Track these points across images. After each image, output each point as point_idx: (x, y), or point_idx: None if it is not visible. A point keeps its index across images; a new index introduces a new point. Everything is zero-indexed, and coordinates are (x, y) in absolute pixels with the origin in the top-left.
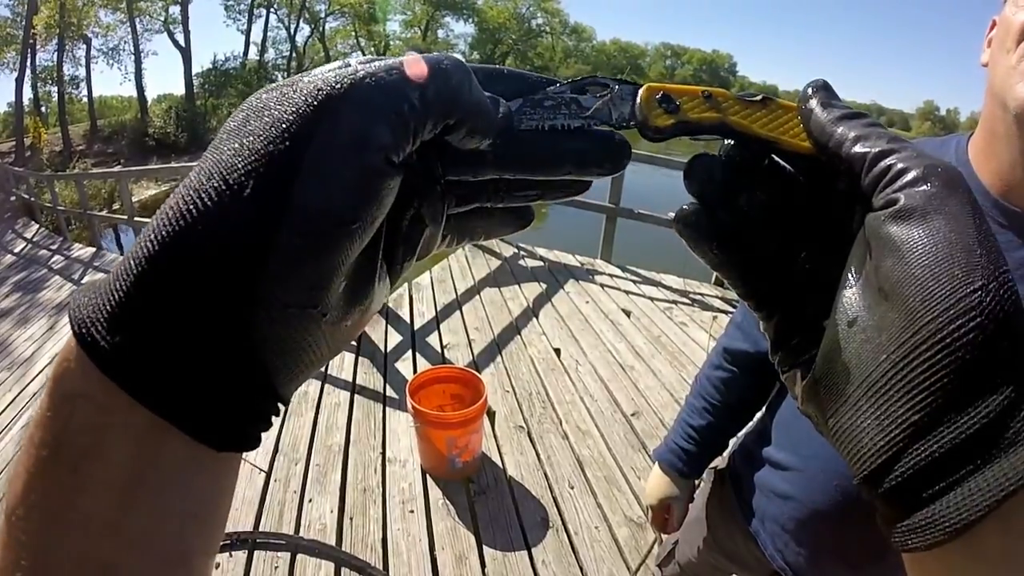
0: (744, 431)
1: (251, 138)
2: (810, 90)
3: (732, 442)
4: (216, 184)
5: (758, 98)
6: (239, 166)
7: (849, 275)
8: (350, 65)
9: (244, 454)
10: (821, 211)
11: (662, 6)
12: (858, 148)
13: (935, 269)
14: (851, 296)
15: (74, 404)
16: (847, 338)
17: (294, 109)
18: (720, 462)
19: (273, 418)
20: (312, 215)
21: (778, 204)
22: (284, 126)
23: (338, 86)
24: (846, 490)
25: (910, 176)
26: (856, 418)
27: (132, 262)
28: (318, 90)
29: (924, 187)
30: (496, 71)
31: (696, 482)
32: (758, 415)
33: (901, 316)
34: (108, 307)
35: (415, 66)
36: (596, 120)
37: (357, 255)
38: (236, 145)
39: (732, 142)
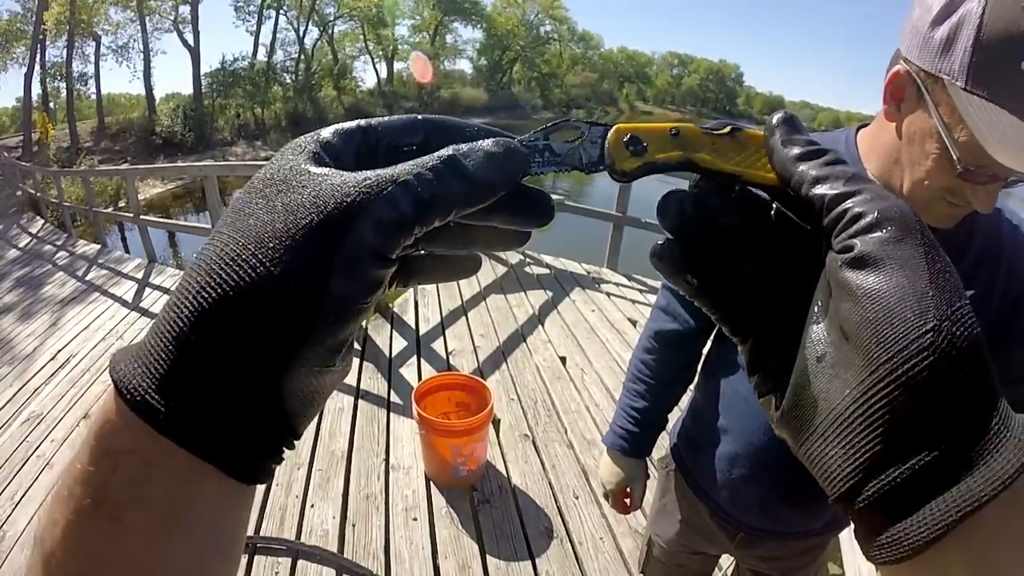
0: (679, 417)
1: (288, 228)
2: (774, 124)
3: (671, 427)
4: (258, 263)
5: (726, 130)
6: (281, 254)
7: (815, 309)
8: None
9: None
10: (793, 236)
11: (670, 15)
12: (816, 190)
13: (889, 314)
14: (817, 332)
15: (117, 459)
16: (815, 373)
17: (324, 216)
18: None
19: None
20: (342, 302)
21: (751, 232)
22: (315, 233)
23: (359, 199)
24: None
25: (865, 222)
26: (825, 447)
27: (177, 325)
28: (346, 196)
29: (879, 233)
30: (452, 127)
31: (649, 469)
32: (688, 398)
33: (860, 356)
34: (158, 373)
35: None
36: (568, 167)
37: None
38: (277, 228)
39: (700, 176)
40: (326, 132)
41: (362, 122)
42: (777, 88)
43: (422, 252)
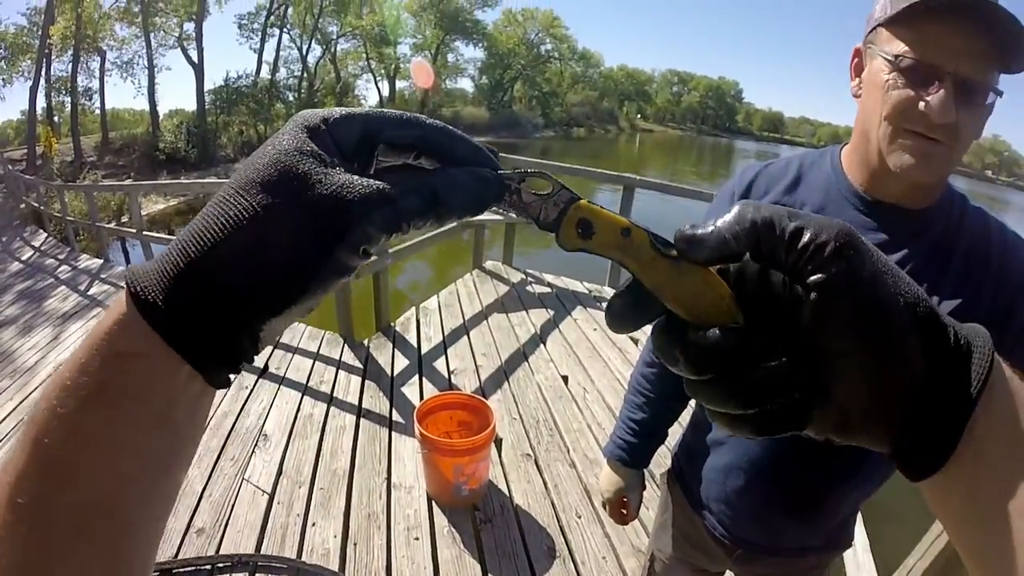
0: (682, 431)
1: (296, 215)
2: (680, 239)
3: (674, 441)
4: (272, 230)
5: (672, 252)
6: (291, 229)
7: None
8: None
9: (248, 476)
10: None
11: (670, 33)
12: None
13: (873, 309)
14: (836, 361)
15: (124, 359)
16: (846, 390)
17: (332, 210)
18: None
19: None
20: (322, 278)
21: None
22: (319, 223)
23: (362, 199)
24: (779, 448)
25: (819, 252)
26: (866, 428)
27: (192, 253)
28: (349, 200)
29: (834, 258)
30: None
31: (647, 477)
32: (691, 408)
33: (864, 351)
34: (168, 280)
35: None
36: (526, 216)
37: None
38: (292, 211)
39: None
40: (331, 115)
41: (363, 112)
42: (776, 104)
43: None
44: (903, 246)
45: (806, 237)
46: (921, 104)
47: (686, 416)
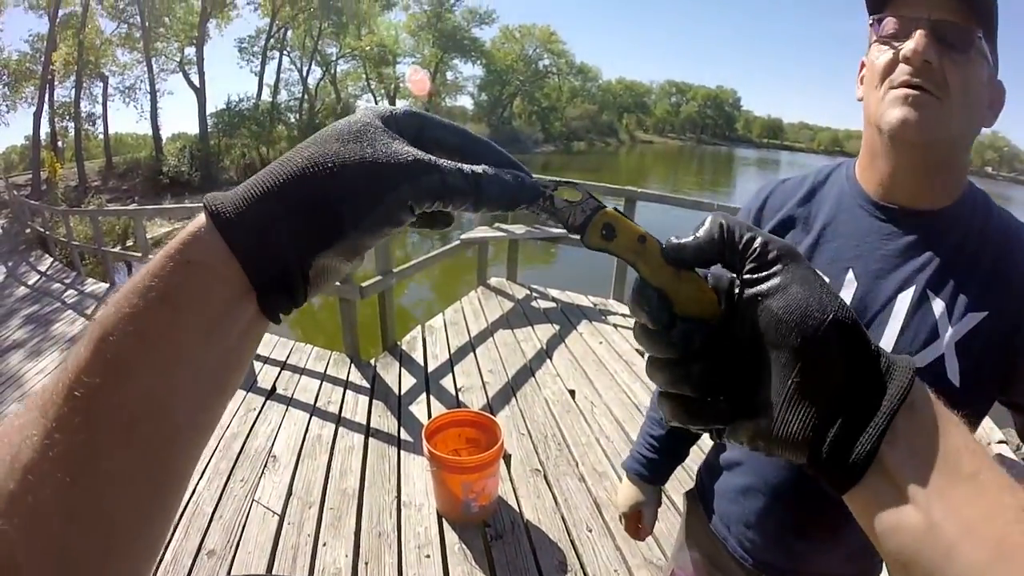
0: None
1: (366, 161)
2: (667, 250)
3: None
4: (341, 176)
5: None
6: (356, 174)
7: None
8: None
9: (258, 497)
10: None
11: (667, 44)
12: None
13: (803, 316)
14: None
15: (192, 267)
16: (773, 389)
17: (393, 165)
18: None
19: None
20: (377, 223)
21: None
22: (383, 171)
23: (415, 165)
24: (797, 469)
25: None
26: (784, 426)
27: (268, 186)
28: (408, 159)
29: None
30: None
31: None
32: None
33: (789, 352)
34: (242, 202)
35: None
36: (556, 220)
37: None
38: (362, 159)
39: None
40: (398, 109)
41: (423, 113)
42: (775, 111)
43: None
44: (923, 249)
45: (755, 244)
46: (900, 60)
47: (706, 440)
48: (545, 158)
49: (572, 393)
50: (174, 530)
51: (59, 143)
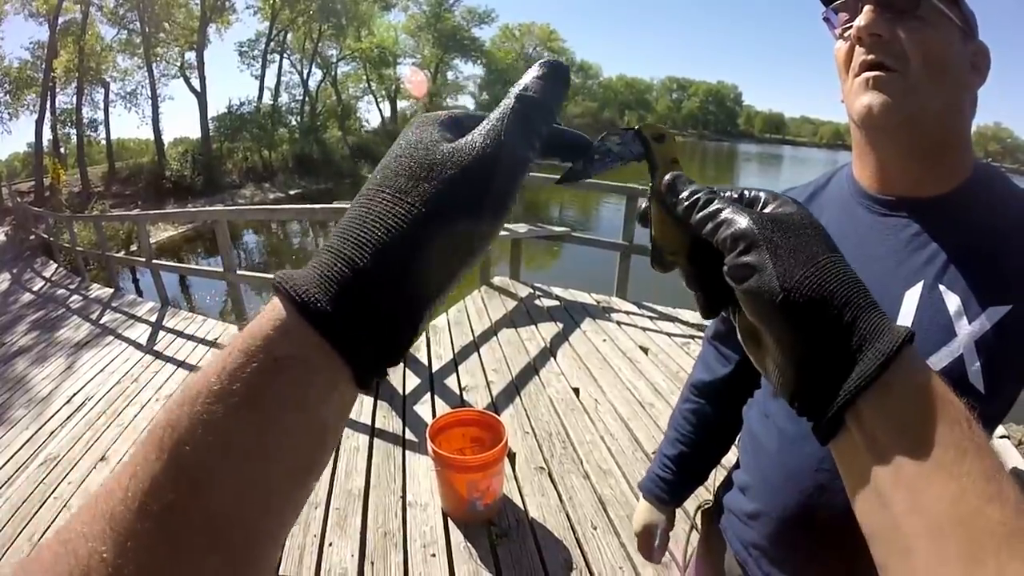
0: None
1: (436, 191)
2: (662, 189)
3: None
4: (423, 229)
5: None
6: (446, 218)
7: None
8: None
9: None
10: None
11: (667, 41)
12: (710, 235)
13: (758, 295)
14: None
15: (281, 364)
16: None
17: (465, 181)
18: (707, 497)
19: None
20: (480, 247)
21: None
22: (472, 184)
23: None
24: (810, 494)
25: (731, 246)
26: (778, 374)
27: (351, 256)
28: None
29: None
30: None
31: (685, 518)
32: (734, 451)
33: (764, 324)
34: (335, 287)
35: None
36: (623, 160)
37: None
38: (442, 200)
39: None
40: (455, 111)
41: (474, 113)
42: (777, 105)
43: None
44: (929, 240)
45: (727, 243)
46: (854, 37)
47: (730, 458)
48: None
49: (576, 391)
50: None
51: (62, 149)
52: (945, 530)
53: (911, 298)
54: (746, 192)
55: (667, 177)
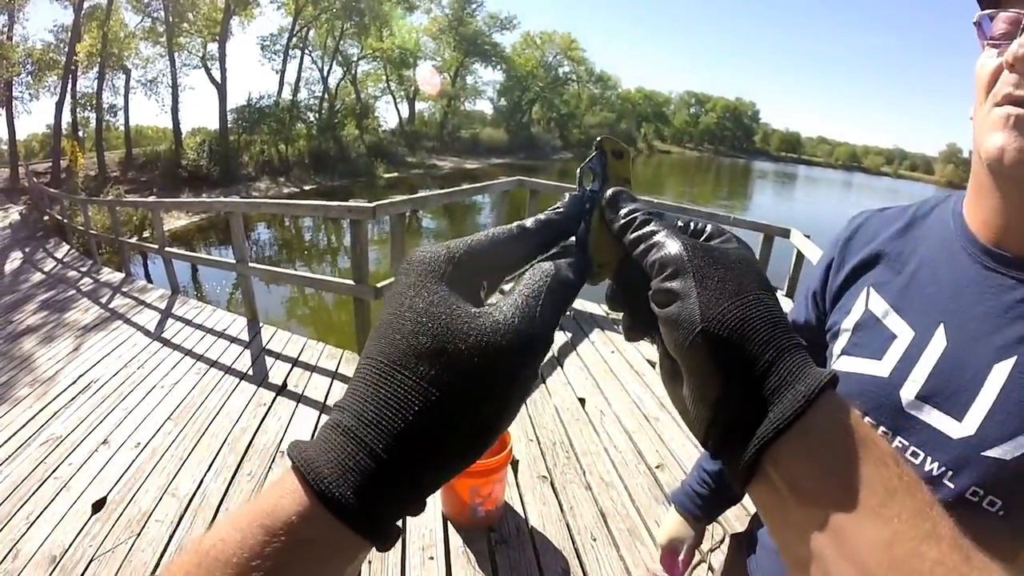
0: None
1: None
2: (603, 204)
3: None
4: (441, 414)
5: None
6: (465, 402)
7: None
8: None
9: None
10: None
11: (687, 55)
12: (642, 257)
13: (677, 324)
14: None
15: (304, 544)
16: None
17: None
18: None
19: None
20: (501, 428)
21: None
22: (491, 375)
23: (516, 341)
24: None
25: (660, 269)
26: (693, 415)
27: (372, 445)
28: (501, 347)
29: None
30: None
31: (715, 538)
32: None
33: (679, 355)
34: (357, 482)
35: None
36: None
37: None
38: (462, 382)
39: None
40: (458, 253)
41: (486, 243)
42: (794, 124)
43: None
44: None
45: (656, 267)
46: (1004, 69)
47: None
48: (563, 165)
49: (582, 402)
50: (179, 521)
51: (80, 133)
52: None
53: (999, 373)
54: (693, 223)
55: (610, 192)
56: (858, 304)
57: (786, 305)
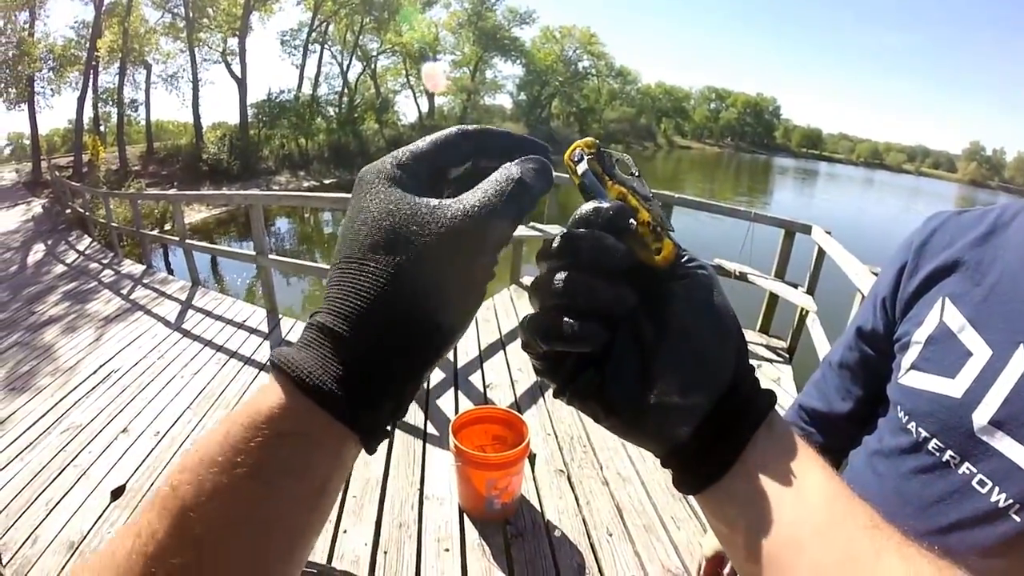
0: None
1: (429, 272)
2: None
3: None
4: (410, 299)
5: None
6: (426, 280)
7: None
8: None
9: None
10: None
11: (708, 49)
12: None
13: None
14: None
15: (285, 437)
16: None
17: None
18: None
19: None
20: (467, 317)
21: None
22: (450, 256)
23: (475, 221)
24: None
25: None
26: (655, 425)
27: (348, 341)
28: (456, 230)
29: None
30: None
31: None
32: None
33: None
34: (338, 373)
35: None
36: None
37: None
38: (420, 263)
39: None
40: (402, 156)
41: (430, 144)
42: (815, 121)
43: None
44: None
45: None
46: None
47: None
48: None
49: None
50: None
51: (102, 127)
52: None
53: None
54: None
55: (581, 210)
56: (932, 315)
57: (802, 302)
